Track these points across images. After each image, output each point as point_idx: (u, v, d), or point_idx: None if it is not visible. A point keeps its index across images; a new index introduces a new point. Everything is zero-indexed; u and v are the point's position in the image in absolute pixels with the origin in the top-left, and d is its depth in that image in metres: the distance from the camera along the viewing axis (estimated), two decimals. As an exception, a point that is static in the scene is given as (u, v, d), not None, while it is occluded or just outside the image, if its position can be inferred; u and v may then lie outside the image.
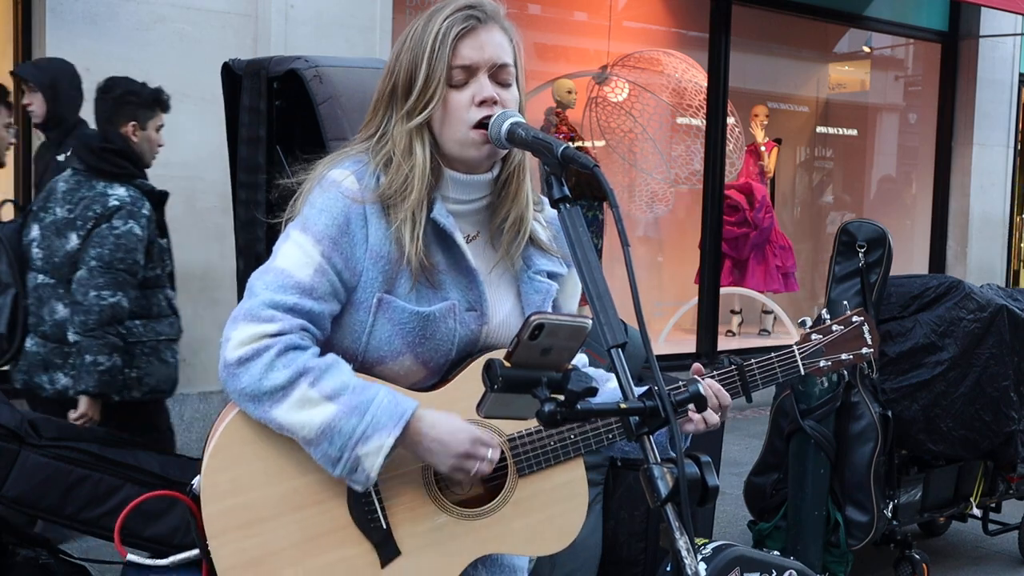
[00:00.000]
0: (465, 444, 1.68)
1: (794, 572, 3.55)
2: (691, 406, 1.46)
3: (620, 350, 1.41)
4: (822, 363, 2.06)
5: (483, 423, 1.73)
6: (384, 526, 1.73)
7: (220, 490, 1.68)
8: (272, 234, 2.85)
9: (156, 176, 5.69)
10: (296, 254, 1.71)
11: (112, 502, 2.80)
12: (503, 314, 1.82)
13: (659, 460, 1.37)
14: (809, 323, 2.11)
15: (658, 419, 1.38)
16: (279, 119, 2.95)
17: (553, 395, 1.37)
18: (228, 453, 1.70)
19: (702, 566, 3.31)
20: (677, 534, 1.33)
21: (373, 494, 1.71)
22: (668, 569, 3.37)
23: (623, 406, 1.38)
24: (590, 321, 1.42)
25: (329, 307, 1.72)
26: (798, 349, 2.04)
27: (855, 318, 2.11)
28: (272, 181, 2.88)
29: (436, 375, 1.78)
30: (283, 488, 1.70)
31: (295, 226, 1.74)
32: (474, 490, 1.81)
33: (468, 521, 1.77)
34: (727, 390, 1.90)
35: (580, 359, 1.97)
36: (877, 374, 4.32)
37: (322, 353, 1.72)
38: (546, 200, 1.90)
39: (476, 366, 1.76)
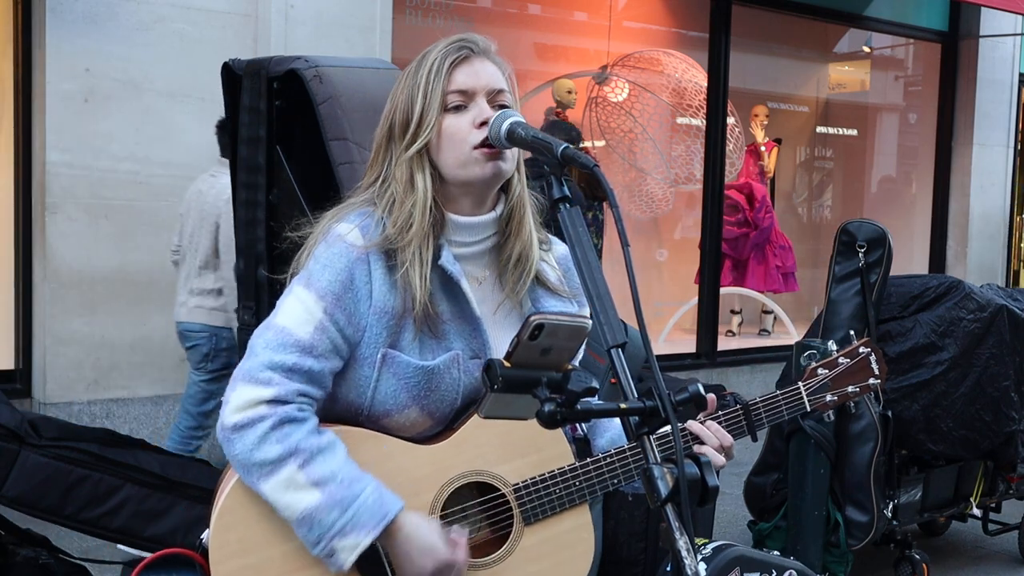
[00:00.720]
0: (429, 568, 1.70)
1: (794, 572, 3.55)
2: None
3: (620, 350, 1.41)
4: (828, 398, 2.04)
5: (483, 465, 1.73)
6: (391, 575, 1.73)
7: (229, 550, 1.70)
8: (271, 233, 2.85)
9: (156, 176, 5.71)
10: (298, 311, 1.71)
11: (112, 502, 2.80)
12: None
13: (659, 460, 1.37)
14: (816, 359, 2.07)
15: (658, 419, 1.37)
16: (279, 119, 2.95)
17: (553, 395, 1.37)
18: (235, 514, 1.71)
19: (702, 566, 3.31)
20: (677, 534, 1.33)
21: (380, 548, 1.72)
22: (668, 569, 3.36)
23: (623, 406, 1.38)
24: (590, 321, 1.42)
25: (330, 364, 1.72)
26: (804, 387, 2.02)
27: (862, 349, 2.08)
28: (272, 187, 2.89)
29: (442, 424, 1.79)
30: (289, 547, 1.71)
31: (299, 281, 1.74)
32: (481, 537, 1.81)
33: (475, 571, 1.77)
34: (732, 429, 1.92)
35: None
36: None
37: (327, 407, 1.73)
38: (555, 240, 1.92)
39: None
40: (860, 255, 4.33)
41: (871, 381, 2.07)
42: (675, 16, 9.09)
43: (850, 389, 2.05)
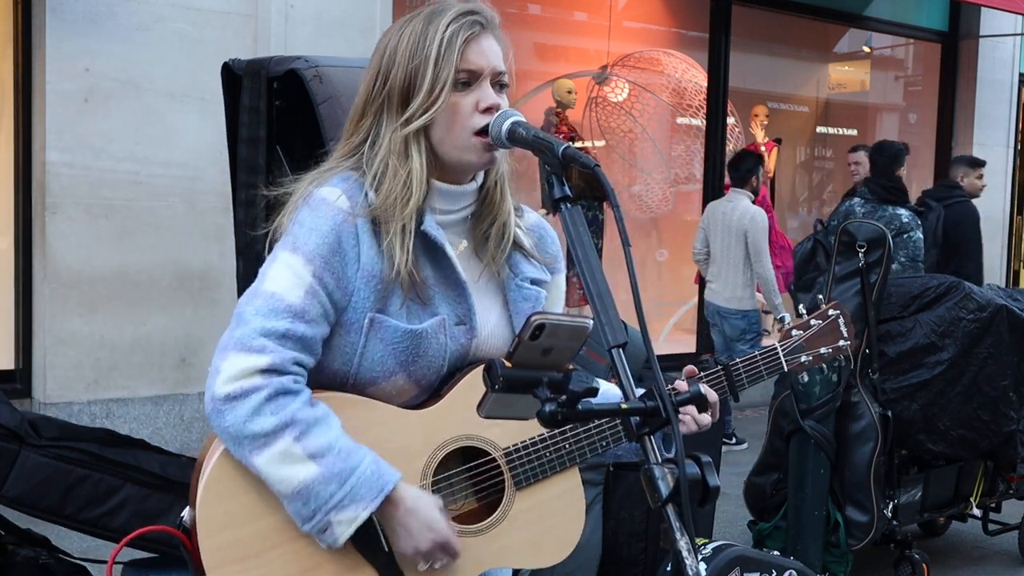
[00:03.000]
0: (427, 544, 1.67)
1: (794, 572, 3.55)
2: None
3: (620, 350, 1.41)
4: (803, 358, 2.08)
5: (482, 427, 1.73)
6: (386, 549, 1.71)
7: (216, 524, 1.66)
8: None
9: (156, 176, 5.71)
10: (286, 275, 1.66)
11: (112, 502, 2.80)
12: (491, 325, 1.80)
13: (660, 460, 1.37)
14: (788, 320, 2.12)
15: (658, 419, 1.37)
16: (279, 119, 2.94)
17: (554, 395, 1.37)
18: (221, 486, 1.67)
19: (702, 566, 3.31)
20: (677, 534, 1.33)
21: (375, 522, 1.69)
22: (668, 569, 3.36)
23: (624, 406, 1.38)
24: (591, 321, 1.41)
25: (321, 330, 1.68)
26: (780, 347, 2.07)
27: (831, 312, 2.12)
28: (271, 183, 2.88)
29: (427, 392, 1.77)
30: (278, 518, 1.68)
31: (283, 247, 1.69)
32: (471, 505, 1.80)
33: (468, 538, 1.76)
34: (715, 389, 1.92)
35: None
36: (877, 374, 4.32)
37: (313, 376, 1.70)
38: (526, 207, 1.91)
39: (467, 380, 1.76)
40: (860, 255, 4.33)
41: (841, 343, 2.11)
42: (675, 16, 9.09)
43: (823, 351, 2.10)
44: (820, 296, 2.20)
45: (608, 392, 1.90)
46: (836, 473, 4.27)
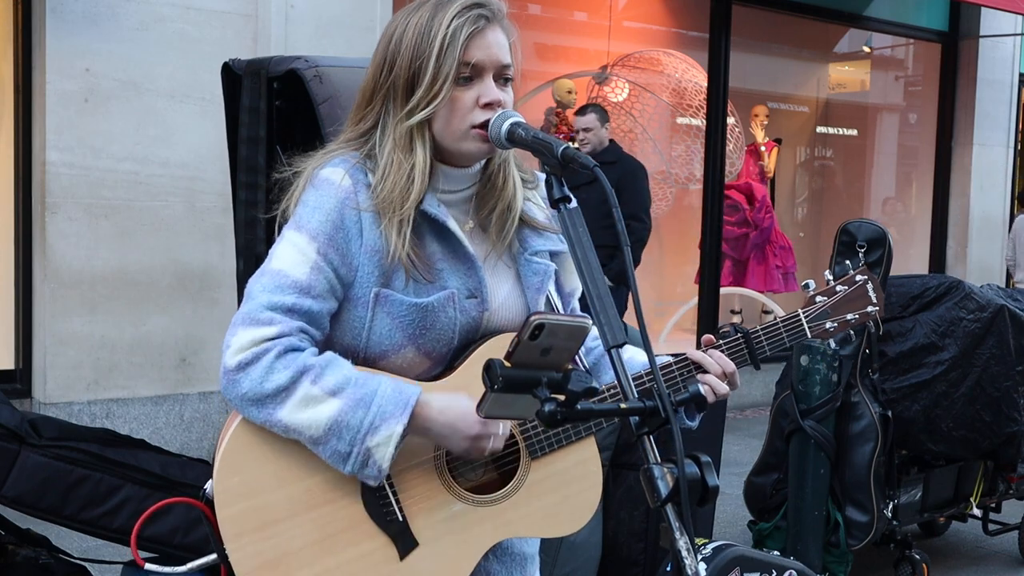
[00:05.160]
0: (476, 426, 1.67)
1: (794, 572, 3.55)
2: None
3: (620, 350, 1.41)
4: (828, 325, 2.01)
5: None
6: (400, 518, 1.72)
7: (233, 494, 1.68)
8: (271, 233, 2.84)
9: (156, 176, 5.71)
10: (291, 253, 1.70)
11: (112, 502, 2.80)
12: (502, 297, 1.81)
13: (659, 460, 1.37)
14: (813, 286, 2.07)
15: (658, 419, 1.38)
16: (279, 119, 2.95)
17: (553, 395, 1.37)
18: (237, 457, 1.69)
19: (702, 566, 3.31)
20: (677, 534, 1.33)
21: (387, 487, 1.71)
22: (668, 569, 3.37)
23: (623, 406, 1.38)
24: (590, 321, 1.42)
25: (327, 305, 1.71)
26: (803, 313, 2.00)
27: (858, 277, 2.05)
28: (271, 181, 2.88)
29: (440, 364, 1.77)
30: (295, 489, 1.70)
31: (289, 226, 1.73)
32: (487, 475, 1.81)
33: (484, 507, 1.77)
34: (735, 357, 1.89)
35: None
36: (877, 374, 4.32)
37: (322, 352, 1.71)
38: (540, 175, 1.89)
39: (480, 352, 1.76)
40: (860, 255, 4.33)
41: (869, 309, 2.04)
42: (675, 16, 9.09)
43: (849, 316, 2.03)
44: (848, 262, 2.13)
45: (634, 359, 1.90)
46: (836, 473, 4.27)
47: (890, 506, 4.37)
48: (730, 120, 8.58)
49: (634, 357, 1.93)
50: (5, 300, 5.65)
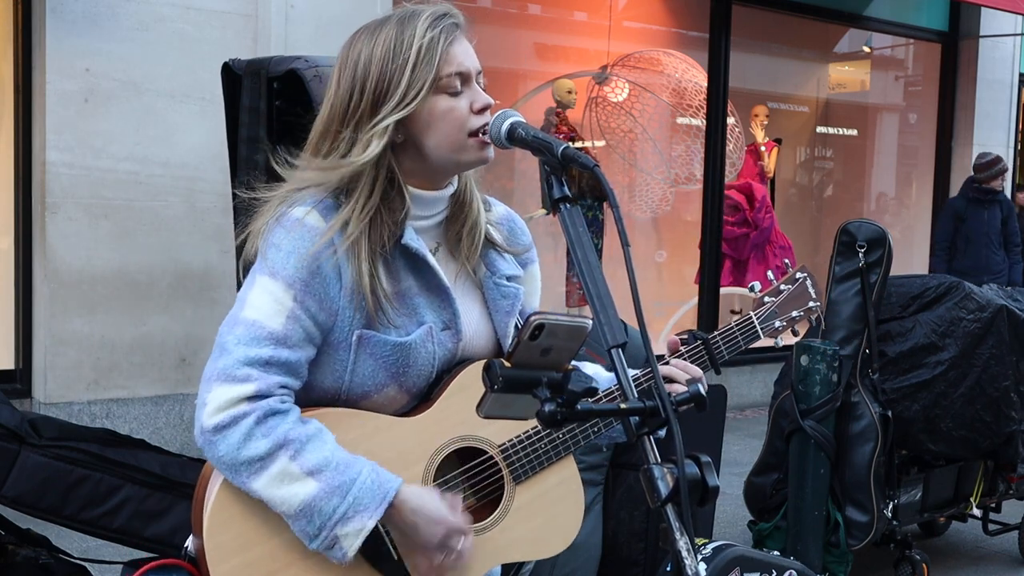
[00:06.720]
0: (439, 536, 1.67)
1: (794, 572, 3.55)
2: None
3: (620, 350, 1.41)
4: (777, 324, 2.09)
5: (479, 427, 1.73)
6: (395, 556, 1.72)
7: (226, 550, 1.67)
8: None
9: (156, 176, 5.71)
10: (266, 302, 1.64)
11: (112, 502, 2.80)
12: (473, 324, 1.81)
13: (659, 460, 1.37)
14: (759, 287, 2.13)
15: (658, 419, 1.38)
16: (279, 119, 2.95)
17: (553, 395, 1.37)
18: (227, 512, 1.68)
19: (702, 566, 3.31)
20: (677, 535, 1.33)
21: (380, 527, 1.70)
22: (668, 569, 3.37)
23: (623, 406, 1.38)
24: (590, 321, 1.42)
25: (305, 353, 1.67)
26: (755, 315, 2.08)
27: (799, 275, 2.14)
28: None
29: (418, 398, 1.77)
30: (287, 537, 1.68)
31: (261, 271, 1.67)
32: (468, 504, 1.81)
33: (475, 536, 1.77)
34: (697, 364, 1.93)
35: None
36: (877, 374, 4.32)
37: (302, 396, 1.69)
38: (492, 199, 1.91)
39: (457, 382, 1.77)
40: (860, 255, 4.33)
41: (811, 304, 2.13)
42: (675, 16, 9.09)
43: (794, 314, 2.11)
44: (787, 261, 2.23)
45: (599, 373, 1.92)
46: (836, 473, 4.27)
47: (890, 506, 4.37)
48: (730, 120, 8.58)
49: (599, 372, 1.95)
50: (5, 300, 5.65)
